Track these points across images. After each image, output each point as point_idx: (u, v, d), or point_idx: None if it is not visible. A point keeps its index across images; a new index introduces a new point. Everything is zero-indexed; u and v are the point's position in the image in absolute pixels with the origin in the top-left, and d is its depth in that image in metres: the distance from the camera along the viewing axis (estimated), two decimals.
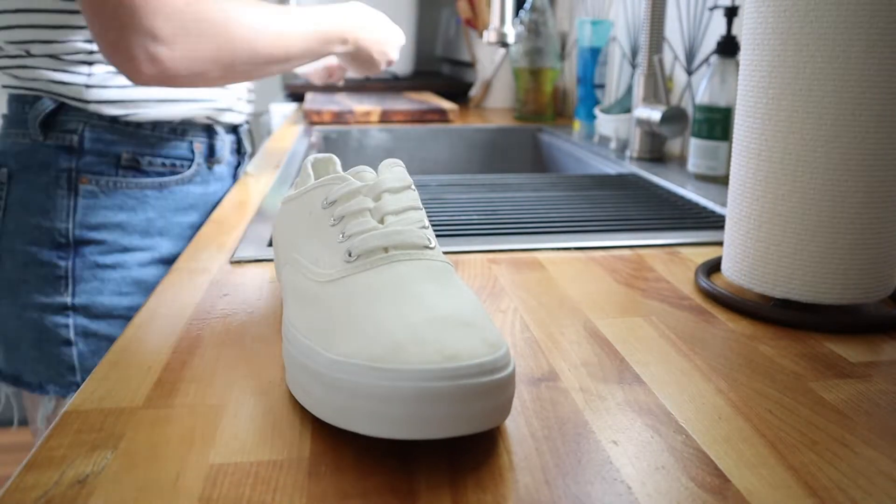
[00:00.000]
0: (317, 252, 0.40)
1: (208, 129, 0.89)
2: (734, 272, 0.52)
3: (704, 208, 0.78)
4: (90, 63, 0.78)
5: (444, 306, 0.34)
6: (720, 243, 0.65)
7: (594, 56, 1.31)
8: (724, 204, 0.77)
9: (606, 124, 1.17)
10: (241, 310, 0.49)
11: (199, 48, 0.69)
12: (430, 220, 0.71)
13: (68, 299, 0.79)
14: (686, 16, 1.10)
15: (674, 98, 1.13)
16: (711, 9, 1.03)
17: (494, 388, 0.31)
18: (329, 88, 1.80)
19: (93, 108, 0.78)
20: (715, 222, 0.72)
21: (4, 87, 0.82)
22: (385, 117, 1.41)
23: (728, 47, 0.89)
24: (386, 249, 0.38)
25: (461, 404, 0.30)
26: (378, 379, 0.30)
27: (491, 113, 1.60)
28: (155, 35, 0.65)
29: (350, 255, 0.38)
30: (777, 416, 0.36)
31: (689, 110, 1.06)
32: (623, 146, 1.15)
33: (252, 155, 1.05)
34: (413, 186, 0.42)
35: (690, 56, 1.09)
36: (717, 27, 1.01)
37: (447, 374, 0.30)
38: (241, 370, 0.40)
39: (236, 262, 0.59)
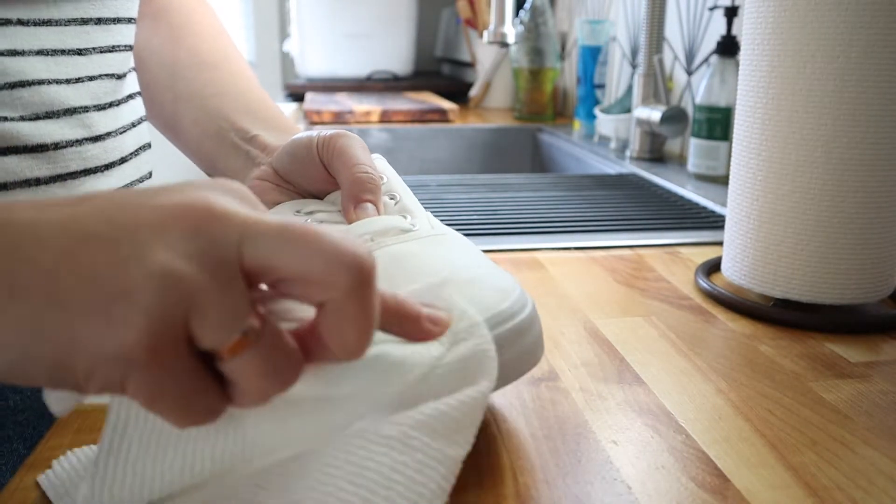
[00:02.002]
0: None
1: None
2: (734, 272, 0.52)
3: (704, 208, 0.78)
4: None
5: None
6: (720, 243, 0.65)
7: (594, 56, 1.31)
8: (724, 204, 0.77)
9: (606, 124, 1.17)
10: None
11: None
12: None
13: None
14: (686, 16, 1.10)
15: (674, 98, 1.13)
16: (711, 9, 1.03)
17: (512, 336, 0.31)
18: (329, 88, 1.80)
19: None
20: (715, 222, 0.72)
21: None
22: (385, 117, 1.41)
23: (728, 47, 0.89)
24: None
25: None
26: None
27: (491, 113, 1.60)
28: None
29: None
30: (777, 416, 0.36)
31: (689, 110, 1.06)
32: (623, 146, 1.15)
33: None
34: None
35: (690, 56, 1.09)
36: (717, 27, 1.01)
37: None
38: None
39: None
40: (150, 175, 0.59)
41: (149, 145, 0.58)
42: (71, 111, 0.47)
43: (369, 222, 0.38)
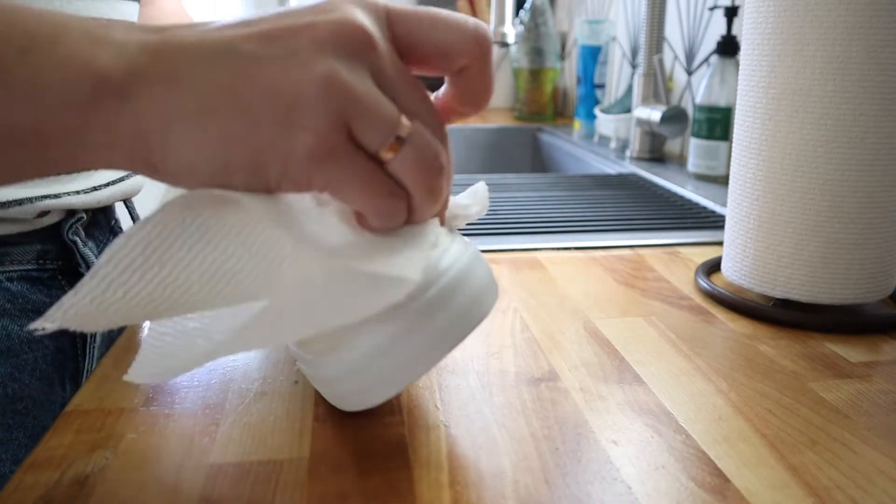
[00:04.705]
0: None
1: None
2: (734, 272, 0.52)
3: (704, 208, 0.78)
4: None
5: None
6: (720, 243, 0.65)
7: (594, 56, 1.31)
8: (724, 204, 0.77)
9: (606, 124, 1.17)
10: None
11: None
12: None
13: None
14: (686, 16, 1.10)
15: (674, 98, 1.13)
16: (711, 9, 1.03)
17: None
18: None
19: None
20: (715, 222, 0.72)
21: None
22: None
23: (728, 47, 0.89)
24: None
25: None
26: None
27: (491, 113, 1.60)
28: None
29: None
30: (777, 416, 0.36)
31: (689, 110, 1.06)
32: (623, 146, 1.15)
33: None
34: None
35: (690, 56, 1.09)
36: (717, 27, 1.01)
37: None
38: (241, 370, 0.40)
39: None
40: None
41: None
42: None
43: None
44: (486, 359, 0.42)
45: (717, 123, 0.90)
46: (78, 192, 0.51)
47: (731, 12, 0.89)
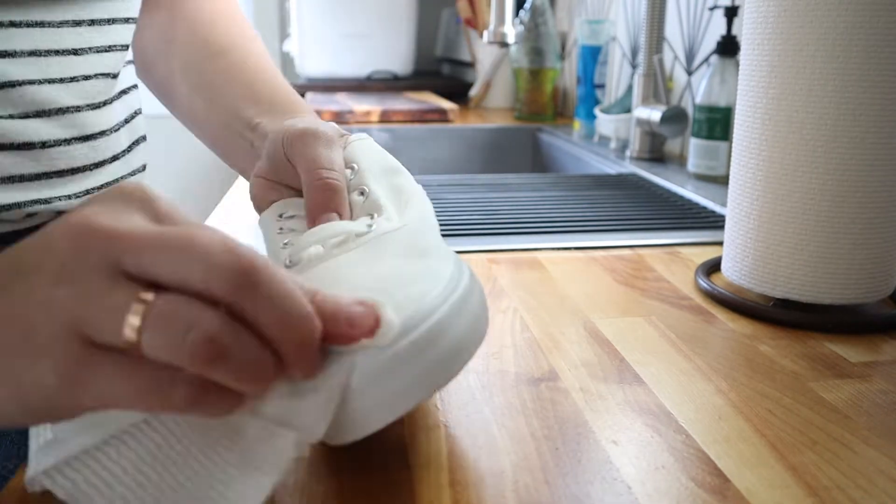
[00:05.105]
0: None
1: None
2: (734, 272, 0.52)
3: (704, 208, 0.78)
4: None
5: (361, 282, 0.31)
6: (720, 243, 0.65)
7: (594, 56, 1.31)
8: (724, 204, 0.77)
9: (606, 124, 1.17)
10: None
11: None
12: None
13: None
14: (686, 16, 1.10)
15: (674, 98, 1.13)
16: (711, 9, 1.03)
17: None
18: (329, 88, 1.80)
19: None
20: (715, 222, 0.72)
21: None
22: (385, 117, 1.41)
23: (728, 47, 0.89)
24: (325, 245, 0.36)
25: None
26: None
27: (491, 113, 1.60)
28: None
29: (289, 261, 0.36)
30: (777, 416, 0.36)
31: (689, 110, 1.06)
32: (623, 146, 1.15)
33: None
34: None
35: (690, 56, 1.09)
36: (717, 27, 1.01)
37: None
38: None
39: None
40: (143, 168, 0.57)
41: (144, 138, 0.57)
42: (63, 110, 0.46)
43: (319, 229, 0.37)
44: (486, 359, 0.42)
45: (717, 123, 0.90)
46: (69, 197, 0.49)
47: (731, 12, 0.89)
